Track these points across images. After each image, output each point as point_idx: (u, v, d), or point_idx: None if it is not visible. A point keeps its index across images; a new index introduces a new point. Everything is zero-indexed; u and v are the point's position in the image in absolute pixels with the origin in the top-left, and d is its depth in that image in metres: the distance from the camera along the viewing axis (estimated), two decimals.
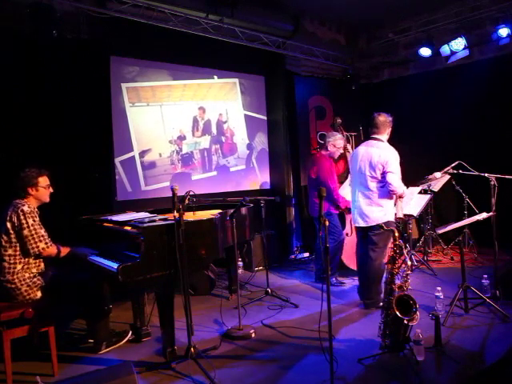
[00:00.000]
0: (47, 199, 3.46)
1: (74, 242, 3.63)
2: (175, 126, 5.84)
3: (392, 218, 4.10)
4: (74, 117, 4.64)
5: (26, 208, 3.24)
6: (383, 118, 4.13)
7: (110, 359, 3.34)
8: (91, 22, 4.81)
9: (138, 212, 3.89)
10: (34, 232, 3.23)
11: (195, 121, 6.07)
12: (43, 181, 3.41)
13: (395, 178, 3.96)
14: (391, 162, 3.96)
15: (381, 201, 4.05)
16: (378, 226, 3.71)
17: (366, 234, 4.19)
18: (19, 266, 3.23)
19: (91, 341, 3.55)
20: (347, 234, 5.27)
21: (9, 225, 3.21)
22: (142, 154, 5.51)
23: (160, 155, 5.68)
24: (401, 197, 4.16)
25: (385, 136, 4.17)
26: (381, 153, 4.02)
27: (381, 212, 4.04)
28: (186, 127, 5.96)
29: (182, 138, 5.90)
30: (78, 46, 4.76)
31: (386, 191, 4.03)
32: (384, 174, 3.98)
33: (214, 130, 6.27)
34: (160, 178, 5.66)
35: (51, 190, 3.47)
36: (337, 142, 5.11)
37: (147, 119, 5.58)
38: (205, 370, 3.02)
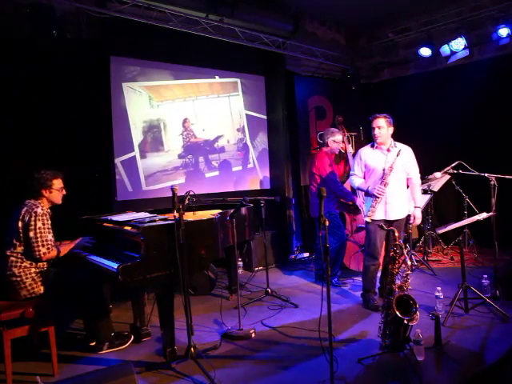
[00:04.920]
0: (59, 201, 3.51)
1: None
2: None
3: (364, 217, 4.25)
4: (74, 117, 4.64)
5: (39, 210, 3.28)
6: None
7: (110, 359, 3.34)
8: (91, 22, 4.80)
9: (138, 212, 3.89)
10: (39, 235, 3.25)
11: None
12: (57, 183, 3.46)
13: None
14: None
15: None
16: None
17: None
18: (26, 262, 3.26)
19: (91, 344, 3.55)
20: (347, 235, 5.26)
21: (20, 224, 3.24)
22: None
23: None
24: (368, 195, 4.16)
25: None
26: None
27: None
28: None
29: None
30: (78, 46, 4.75)
31: None
32: None
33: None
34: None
35: (64, 192, 3.52)
36: (336, 137, 5.10)
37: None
38: (205, 369, 3.02)
